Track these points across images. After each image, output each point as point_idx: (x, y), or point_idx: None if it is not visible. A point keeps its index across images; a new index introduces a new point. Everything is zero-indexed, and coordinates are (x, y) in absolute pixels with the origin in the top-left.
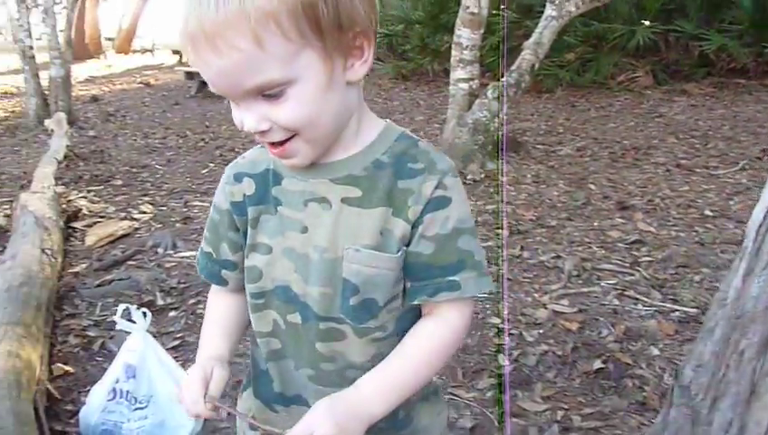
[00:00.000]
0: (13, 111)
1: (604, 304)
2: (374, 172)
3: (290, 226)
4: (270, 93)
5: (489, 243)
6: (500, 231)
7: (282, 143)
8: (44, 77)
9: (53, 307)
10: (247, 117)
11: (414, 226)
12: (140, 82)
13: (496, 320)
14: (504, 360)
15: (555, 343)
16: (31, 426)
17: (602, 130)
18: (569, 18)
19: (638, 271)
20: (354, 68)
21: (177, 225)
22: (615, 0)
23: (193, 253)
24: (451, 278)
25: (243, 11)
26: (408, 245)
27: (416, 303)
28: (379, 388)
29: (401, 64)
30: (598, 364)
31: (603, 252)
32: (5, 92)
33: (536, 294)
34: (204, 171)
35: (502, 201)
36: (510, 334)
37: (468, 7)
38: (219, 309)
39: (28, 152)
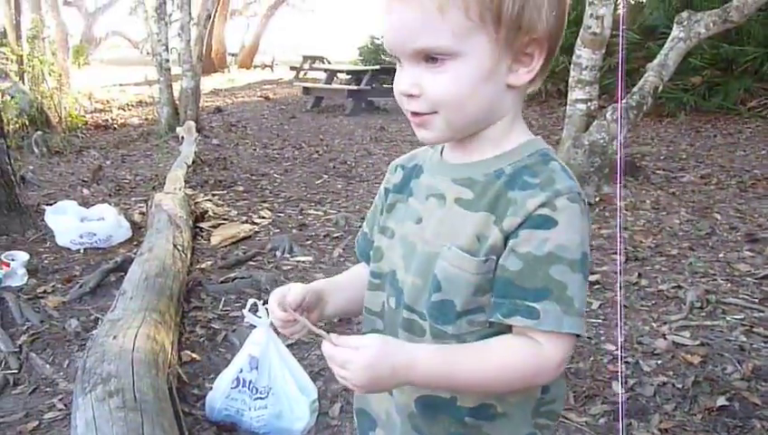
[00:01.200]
0: (146, 119)
1: (730, 340)
2: (492, 180)
3: (410, 215)
4: (434, 57)
5: (604, 268)
6: (616, 256)
7: (422, 114)
8: (175, 88)
9: (183, 299)
10: (404, 77)
11: (507, 237)
12: (260, 96)
13: (611, 346)
14: (619, 387)
15: (675, 375)
16: (167, 403)
17: (730, 158)
18: (697, 40)
19: None
20: (518, 73)
21: (294, 231)
22: (749, 21)
23: (308, 258)
24: (531, 304)
25: None
26: (499, 256)
27: (492, 320)
28: (433, 364)
29: None
30: (722, 401)
31: (729, 285)
32: (141, 101)
33: (654, 324)
34: (318, 182)
35: (619, 226)
36: (625, 362)
37: (590, 27)
38: (350, 272)
39: (159, 157)
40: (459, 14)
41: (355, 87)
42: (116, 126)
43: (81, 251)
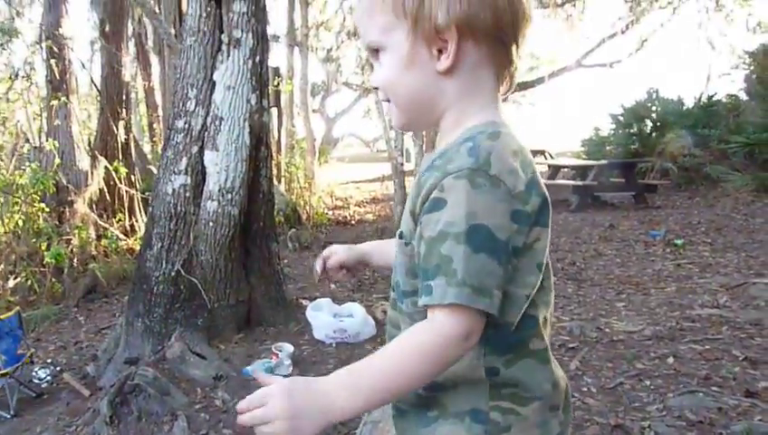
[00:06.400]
0: (380, 215)
1: None
2: (431, 167)
3: None
4: (376, 50)
5: None
6: None
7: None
8: (407, 184)
9: None
10: (372, 74)
11: (417, 223)
12: None
13: None
14: None
15: None
16: None
17: None
18: None
19: None
20: (441, 60)
21: None
22: None
23: None
24: (428, 283)
25: None
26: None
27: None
28: (346, 383)
29: (764, 176)
30: None
31: None
32: (374, 198)
33: None
34: None
35: None
36: None
37: None
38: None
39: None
40: (381, 13)
41: (580, 182)
42: (353, 222)
43: (334, 345)
